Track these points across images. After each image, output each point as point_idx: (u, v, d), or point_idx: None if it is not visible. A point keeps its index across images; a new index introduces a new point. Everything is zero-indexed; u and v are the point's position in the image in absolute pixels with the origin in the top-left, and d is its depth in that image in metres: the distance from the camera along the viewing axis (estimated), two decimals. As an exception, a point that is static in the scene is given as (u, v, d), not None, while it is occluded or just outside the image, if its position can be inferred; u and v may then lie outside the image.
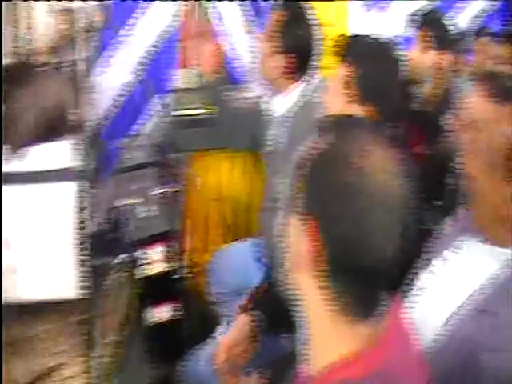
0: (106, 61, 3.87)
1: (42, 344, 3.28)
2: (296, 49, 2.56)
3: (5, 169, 2.73)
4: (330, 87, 2.10)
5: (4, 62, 3.07)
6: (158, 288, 2.79)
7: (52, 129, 3.02)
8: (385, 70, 2.01)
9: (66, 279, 2.96)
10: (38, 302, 3.08)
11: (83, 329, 3.12)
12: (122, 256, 3.04)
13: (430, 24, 3.00)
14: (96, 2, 3.43)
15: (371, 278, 1.06)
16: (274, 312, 2.23)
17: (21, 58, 3.10)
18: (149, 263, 2.74)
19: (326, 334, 1.12)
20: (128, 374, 3.10)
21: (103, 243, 3.41)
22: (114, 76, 3.91)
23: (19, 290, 2.74)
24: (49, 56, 3.15)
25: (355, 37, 2.16)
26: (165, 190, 3.00)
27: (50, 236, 2.97)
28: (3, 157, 2.70)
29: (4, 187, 2.54)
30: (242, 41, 3.86)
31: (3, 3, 3.35)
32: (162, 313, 2.83)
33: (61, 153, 3.01)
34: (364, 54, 2.03)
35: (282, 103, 2.64)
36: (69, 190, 2.97)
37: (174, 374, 2.63)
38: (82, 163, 3.04)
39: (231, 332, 2.41)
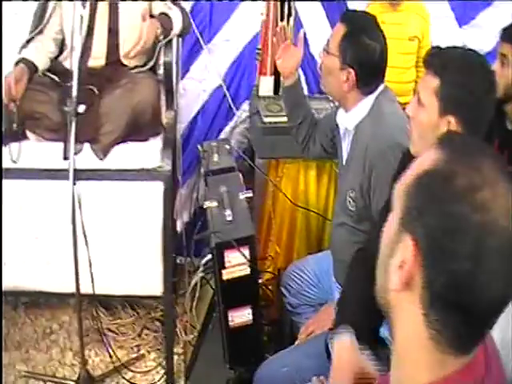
0: (192, 65, 3.95)
1: (123, 336, 3.39)
2: (360, 63, 2.47)
3: (84, 165, 2.83)
4: (418, 99, 2.06)
5: (96, 63, 3.17)
6: (240, 291, 2.80)
7: (141, 129, 3.10)
8: (473, 83, 1.96)
9: (150, 276, 3.03)
10: (122, 296, 3.18)
11: (165, 325, 3.20)
12: (207, 257, 3.09)
13: None
14: (184, 5, 3.49)
15: (474, 315, 1.01)
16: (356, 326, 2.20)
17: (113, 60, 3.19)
18: (232, 266, 2.76)
19: (414, 358, 1.07)
20: (204, 373, 3.16)
21: (189, 243, 3.48)
22: (199, 80, 3.98)
23: (96, 284, 2.81)
24: (140, 59, 3.22)
25: (443, 49, 2.11)
26: (250, 194, 3.03)
27: (136, 233, 3.06)
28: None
29: (82, 183, 2.61)
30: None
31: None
32: (241, 316, 2.85)
33: (149, 153, 3.08)
34: (452, 65, 1.99)
35: (349, 117, 2.59)
36: (156, 189, 3.05)
37: (249, 376, 2.65)
38: (170, 164, 3.11)
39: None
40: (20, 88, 2.88)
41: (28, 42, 3.14)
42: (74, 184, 2.53)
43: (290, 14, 3.83)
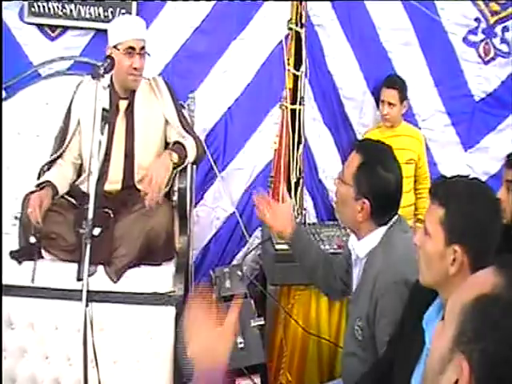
0: (206, 192, 4.03)
1: None
2: (374, 194, 2.43)
3: (98, 287, 2.85)
4: (425, 228, 2.05)
5: (112, 187, 3.25)
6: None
7: (155, 253, 3.13)
8: (478, 212, 1.97)
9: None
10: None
11: None
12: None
13: None
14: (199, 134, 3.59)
15: None
16: None
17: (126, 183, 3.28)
18: (245, 394, 2.70)
19: None
20: None
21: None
22: (213, 208, 4.04)
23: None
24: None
25: (448, 178, 2.13)
26: (262, 322, 2.99)
27: (147, 357, 3.03)
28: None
29: (94, 304, 2.61)
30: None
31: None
32: None
33: (162, 277, 3.10)
34: (456, 195, 2.00)
35: (361, 245, 2.54)
36: (168, 313, 3.05)
37: None
38: (182, 289, 3.11)
39: None
40: (42, 211, 2.95)
41: (49, 164, 3.23)
42: (87, 306, 2.52)
43: (299, 142, 3.93)
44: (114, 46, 3.16)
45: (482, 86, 4.10)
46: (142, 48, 3.20)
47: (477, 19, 4.01)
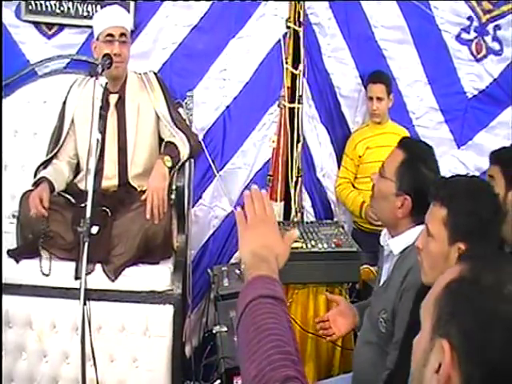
0: (204, 192, 4.02)
1: None
2: (416, 191, 2.40)
3: (95, 286, 2.84)
4: (427, 230, 2.05)
5: (106, 184, 3.25)
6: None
7: (153, 252, 3.12)
8: (480, 209, 1.97)
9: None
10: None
11: None
12: (216, 382, 3.01)
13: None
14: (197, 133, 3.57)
15: None
16: None
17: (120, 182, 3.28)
18: (243, 393, 2.68)
19: None
20: None
21: (197, 368, 3.41)
22: (211, 207, 4.02)
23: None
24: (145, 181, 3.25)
25: (447, 179, 2.12)
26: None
27: (145, 356, 3.02)
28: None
29: (92, 302, 2.61)
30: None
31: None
32: None
33: (160, 275, 3.10)
34: (458, 195, 2.00)
35: (395, 242, 2.49)
36: (166, 312, 3.05)
37: None
38: (180, 287, 3.11)
39: None
40: (46, 205, 2.94)
41: (45, 163, 3.22)
42: (85, 304, 2.51)
43: (298, 141, 3.93)
44: (97, 39, 3.19)
45: (475, 83, 4.13)
46: (122, 35, 3.20)
47: (469, 18, 4.03)
